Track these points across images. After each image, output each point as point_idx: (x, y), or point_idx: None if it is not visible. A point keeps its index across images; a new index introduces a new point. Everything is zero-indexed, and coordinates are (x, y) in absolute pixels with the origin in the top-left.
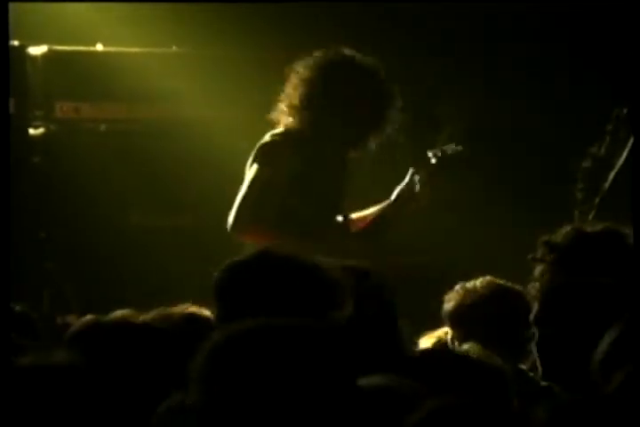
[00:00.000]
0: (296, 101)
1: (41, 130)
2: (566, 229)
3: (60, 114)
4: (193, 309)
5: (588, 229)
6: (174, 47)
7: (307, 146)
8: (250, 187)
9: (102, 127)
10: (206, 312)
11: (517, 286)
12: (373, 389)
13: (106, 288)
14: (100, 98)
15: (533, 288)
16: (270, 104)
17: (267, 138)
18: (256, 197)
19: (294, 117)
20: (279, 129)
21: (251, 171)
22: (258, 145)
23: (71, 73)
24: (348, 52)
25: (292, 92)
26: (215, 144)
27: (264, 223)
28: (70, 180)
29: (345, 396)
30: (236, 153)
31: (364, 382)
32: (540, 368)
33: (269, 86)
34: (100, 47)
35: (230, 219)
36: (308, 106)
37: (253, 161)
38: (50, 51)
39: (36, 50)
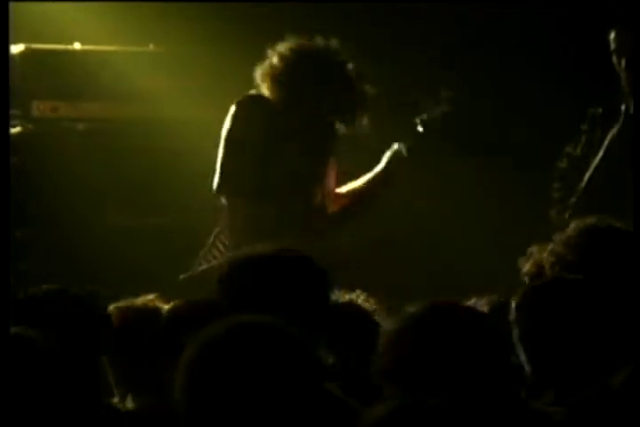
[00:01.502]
0: (274, 77)
1: (18, 129)
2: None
3: (38, 113)
4: None
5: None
6: (152, 46)
7: (280, 112)
8: (225, 152)
9: (80, 126)
10: None
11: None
12: None
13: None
14: (78, 97)
15: None
16: None
17: (242, 98)
18: (234, 164)
19: (271, 89)
20: (252, 91)
21: (224, 132)
22: (234, 103)
23: (49, 72)
24: (319, 42)
25: (272, 66)
26: (194, 143)
27: (243, 193)
28: (47, 179)
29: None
30: (214, 152)
31: None
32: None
33: (248, 84)
34: (77, 46)
35: (215, 185)
36: (285, 85)
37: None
38: (27, 49)
39: (14, 48)
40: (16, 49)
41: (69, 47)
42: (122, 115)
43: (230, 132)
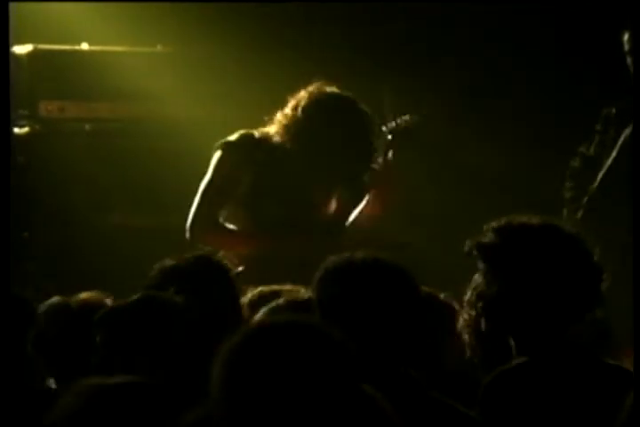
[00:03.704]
0: (289, 126)
1: (25, 129)
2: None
3: (45, 113)
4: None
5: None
6: (159, 46)
7: (265, 149)
8: (202, 195)
9: (87, 127)
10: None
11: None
12: None
13: (87, 288)
14: (85, 97)
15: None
16: (254, 103)
17: (220, 143)
18: (207, 207)
19: (281, 134)
20: (235, 135)
21: (204, 177)
22: (214, 149)
23: (56, 72)
24: (346, 93)
25: (288, 115)
26: (200, 144)
27: (219, 231)
28: (54, 179)
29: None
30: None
31: None
32: None
33: (254, 85)
34: (85, 46)
35: (187, 231)
36: (298, 137)
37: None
38: (35, 50)
39: (21, 49)
40: (24, 49)
41: (77, 48)
42: (129, 115)
43: (210, 177)
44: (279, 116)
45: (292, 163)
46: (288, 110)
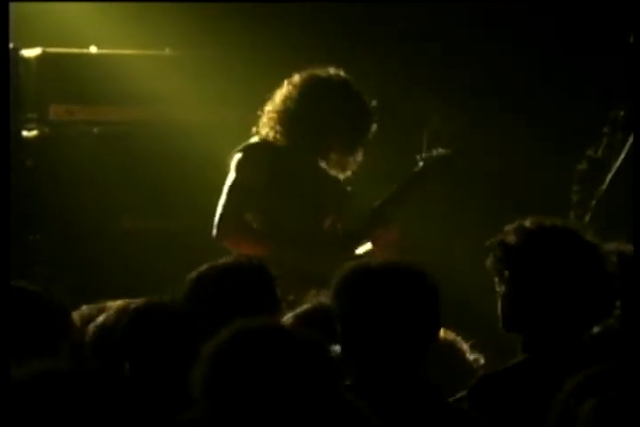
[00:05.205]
0: (278, 115)
1: (34, 132)
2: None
3: (54, 116)
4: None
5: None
6: (168, 49)
7: (281, 154)
8: (227, 196)
9: (95, 130)
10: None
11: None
12: None
13: (96, 292)
14: (94, 100)
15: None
16: (263, 105)
17: (241, 147)
18: (234, 206)
19: (274, 129)
20: (254, 139)
21: (227, 179)
22: (233, 153)
23: (65, 75)
24: (334, 71)
25: (276, 105)
26: (208, 146)
27: (245, 232)
28: (63, 182)
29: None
30: (228, 155)
31: None
32: None
33: (263, 88)
34: (93, 49)
35: (214, 229)
36: (287, 121)
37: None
38: (43, 53)
39: (30, 52)
40: (32, 53)
41: (85, 51)
42: (138, 118)
43: (232, 183)
44: (270, 109)
45: (296, 165)
46: (277, 101)
